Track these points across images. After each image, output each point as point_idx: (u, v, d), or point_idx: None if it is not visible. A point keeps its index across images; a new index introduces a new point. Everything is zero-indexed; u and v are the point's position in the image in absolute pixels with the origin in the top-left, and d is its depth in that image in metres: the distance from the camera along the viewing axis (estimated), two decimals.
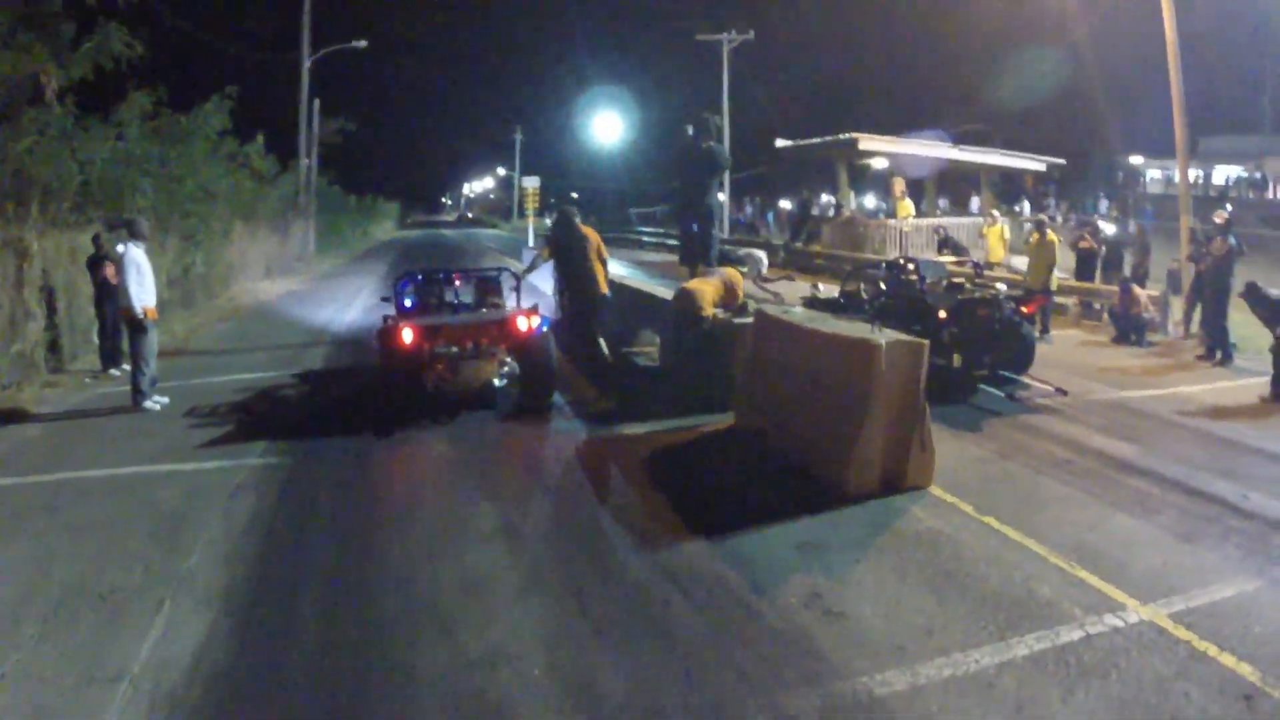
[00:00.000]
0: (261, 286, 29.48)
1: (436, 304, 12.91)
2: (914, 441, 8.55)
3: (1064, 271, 22.40)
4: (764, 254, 13.89)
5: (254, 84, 25.25)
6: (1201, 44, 19.49)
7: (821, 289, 16.41)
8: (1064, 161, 36.03)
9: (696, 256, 14.07)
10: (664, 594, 6.47)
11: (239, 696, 5.25)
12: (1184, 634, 5.77)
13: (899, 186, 30.99)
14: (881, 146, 30.62)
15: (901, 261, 15.71)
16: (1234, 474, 9.05)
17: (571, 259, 13.48)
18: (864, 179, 43.08)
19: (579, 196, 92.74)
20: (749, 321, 11.42)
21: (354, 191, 63.96)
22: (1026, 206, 41.14)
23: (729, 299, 12.24)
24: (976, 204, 40.18)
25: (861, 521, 7.78)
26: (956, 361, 12.33)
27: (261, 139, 31.08)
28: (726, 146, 15.12)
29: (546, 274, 16.00)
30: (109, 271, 14.76)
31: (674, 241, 41.43)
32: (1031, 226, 21.78)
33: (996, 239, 23.90)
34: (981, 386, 12.88)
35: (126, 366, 14.76)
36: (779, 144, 33.51)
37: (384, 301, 13.70)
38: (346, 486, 9.09)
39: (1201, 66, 19.75)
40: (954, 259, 18.51)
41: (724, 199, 37.08)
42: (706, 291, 12.06)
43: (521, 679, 5.38)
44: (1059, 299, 19.83)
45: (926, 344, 8.78)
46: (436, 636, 5.92)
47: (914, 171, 32.72)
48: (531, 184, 36.20)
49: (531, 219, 38.45)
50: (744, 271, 12.53)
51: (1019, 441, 10.26)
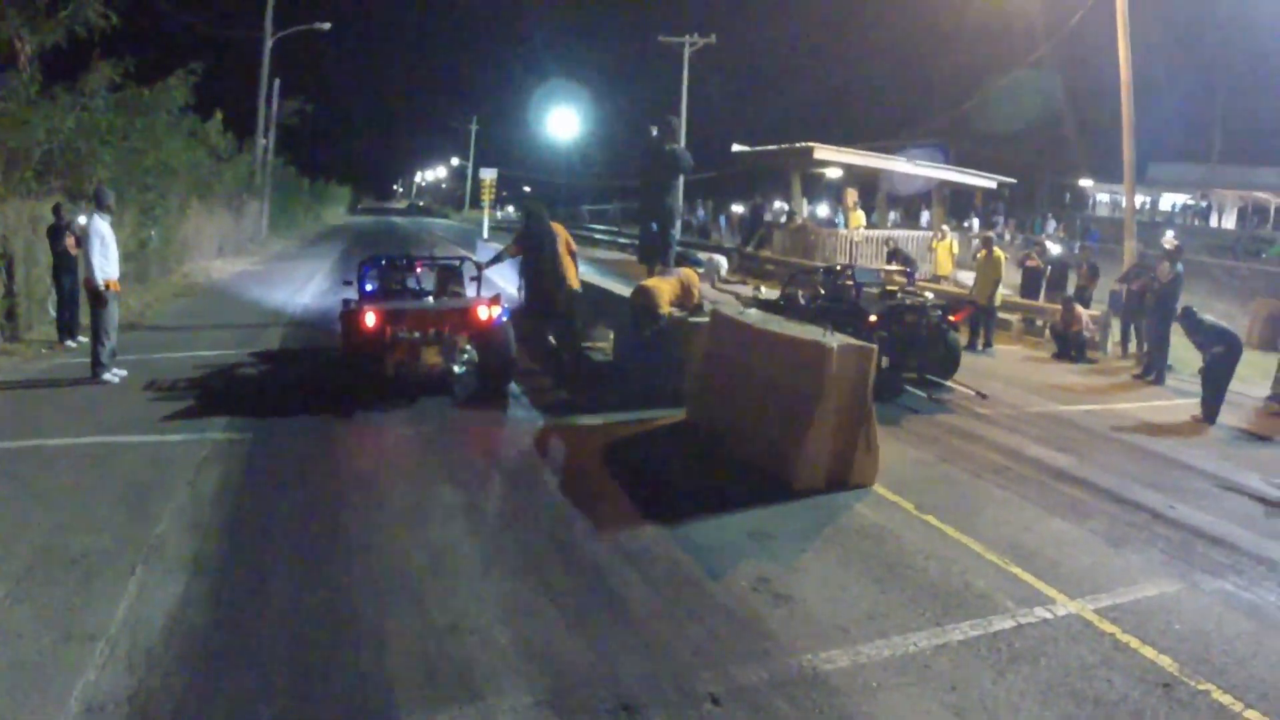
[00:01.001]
0: (215, 265, 29.34)
1: (399, 290, 13.11)
2: (860, 442, 8.96)
3: (1009, 288, 23.03)
4: (724, 259, 14.21)
5: (214, 60, 25.09)
6: (1154, 73, 20.14)
7: (764, 291, 17.01)
8: (1015, 180, 36.61)
9: (655, 256, 14.31)
10: (621, 574, 6.82)
11: (214, 656, 5.44)
12: (1109, 627, 6.25)
13: (851, 197, 31.40)
14: (835, 157, 30.98)
15: (838, 268, 16.65)
16: (1162, 486, 9.65)
17: (541, 255, 13.67)
18: (817, 188, 43.53)
19: (531, 190, 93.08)
20: (704, 320, 11.76)
21: (307, 174, 63.51)
22: (975, 223, 41.79)
23: (685, 298, 12.50)
24: (926, 218, 40.78)
25: (808, 515, 8.21)
26: (884, 363, 12.74)
27: (220, 116, 30.97)
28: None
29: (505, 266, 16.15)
30: (69, 242, 14.76)
31: (626, 239, 41.91)
32: (979, 243, 22.26)
33: (945, 253, 24.46)
34: (907, 388, 13.56)
35: (84, 338, 14.79)
36: (735, 149, 33.80)
37: (345, 285, 13.82)
38: (311, 463, 9.26)
39: (1154, 95, 20.35)
40: (896, 269, 18.99)
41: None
42: (664, 290, 12.31)
43: (487, 646, 5.65)
44: (1002, 315, 20.41)
45: (875, 349, 9.20)
46: (405, 604, 6.16)
47: (868, 184, 33.21)
48: (489, 175, 36.25)
49: (487, 210, 38.49)
50: (702, 274, 12.84)
51: (959, 448, 10.76)
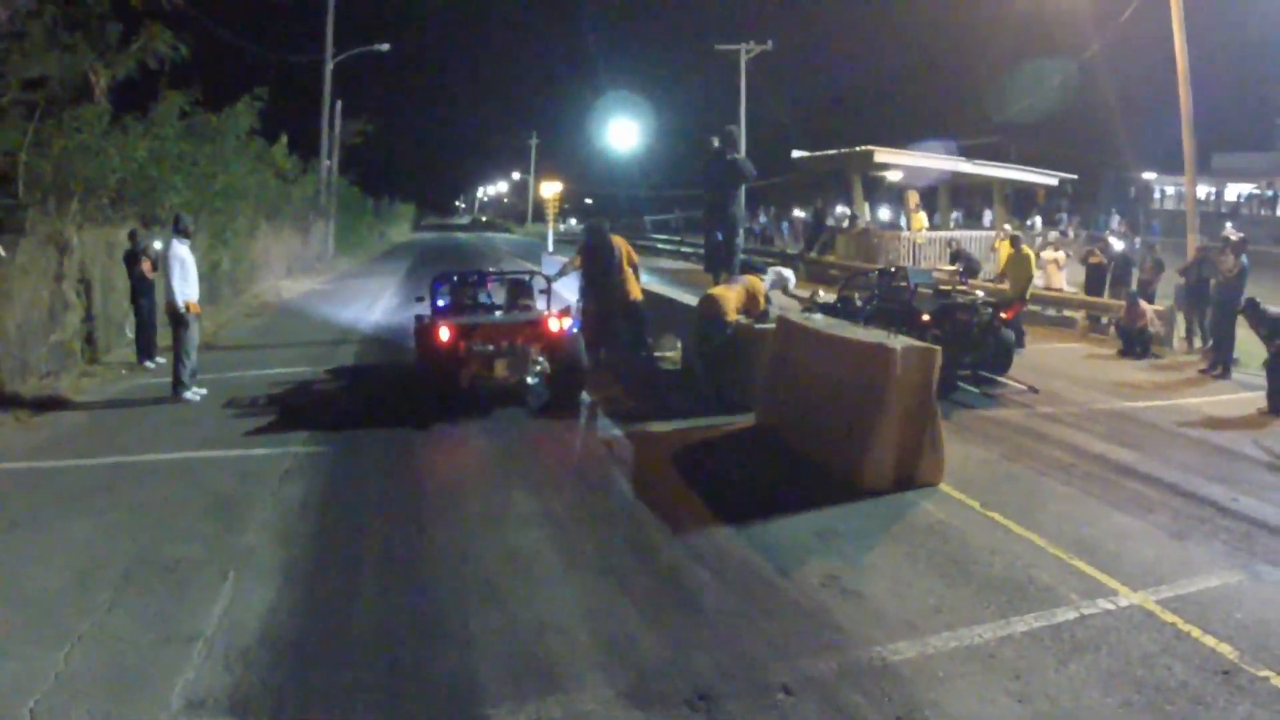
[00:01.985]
0: (284, 285, 29.92)
1: (471, 304, 13.37)
2: (925, 441, 9.04)
3: (1074, 286, 22.93)
4: (791, 272, 14.35)
5: (278, 84, 25.60)
6: (1215, 62, 19.93)
7: (821, 295, 17.10)
8: (1076, 177, 36.25)
9: (721, 264, 14.48)
10: (695, 573, 6.98)
11: (308, 655, 5.66)
12: (1170, 617, 6.26)
13: (913, 199, 31.32)
14: (896, 159, 30.97)
15: (892, 270, 16.74)
16: (1227, 479, 9.56)
17: (601, 267, 13.92)
18: (878, 191, 43.38)
19: (593, 203, 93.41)
20: (770, 327, 11.88)
21: (371, 193, 64.25)
22: (1038, 221, 41.42)
23: (751, 306, 12.59)
24: (989, 217, 40.50)
25: (876, 513, 8.31)
26: None
27: (285, 139, 31.52)
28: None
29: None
30: (145, 266, 15.22)
31: (689, 249, 42.03)
32: (1002, 238, 22.33)
33: (1008, 252, 24.22)
34: (960, 384, 13.58)
35: (161, 359, 15.23)
36: (795, 155, 33.87)
37: (418, 301, 14.13)
38: (391, 474, 9.52)
39: (1215, 84, 20.17)
40: (954, 269, 19.03)
41: None
42: (730, 298, 12.42)
43: (569, 642, 5.83)
44: (1068, 313, 20.81)
45: (938, 350, 9.29)
46: (490, 606, 6.35)
47: (928, 183, 33.08)
48: (552, 190, 36.50)
49: (551, 224, 38.77)
50: (769, 283, 12.98)
51: (1024, 445, 10.76)
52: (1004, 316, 14.62)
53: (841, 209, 47.21)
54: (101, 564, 7.00)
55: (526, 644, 5.81)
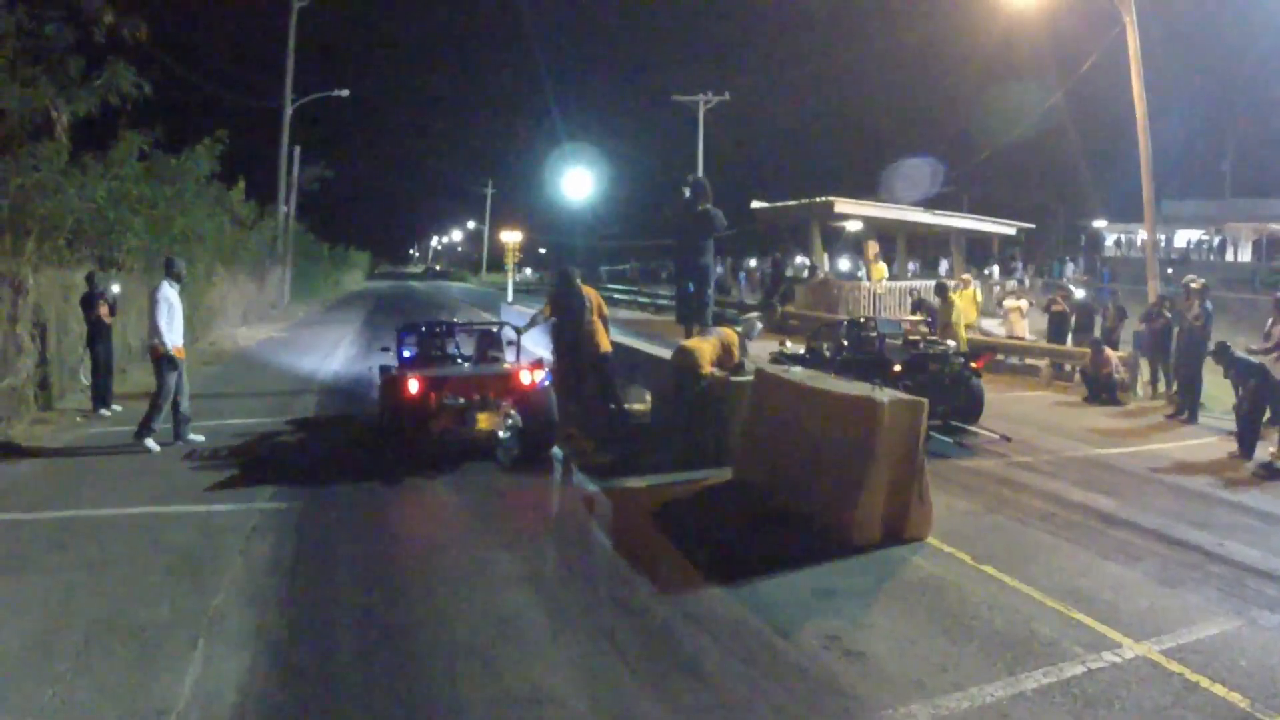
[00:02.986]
0: (241, 332, 29.49)
1: (439, 355, 13.05)
2: (913, 495, 8.88)
3: (1034, 334, 23.12)
4: (759, 319, 14.21)
5: (235, 128, 25.29)
6: (1163, 110, 20.36)
7: (789, 346, 17.01)
8: (1033, 226, 36.62)
9: (693, 316, 14.33)
10: (691, 635, 6.66)
11: None
12: (1177, 668, 6.18)
13: (872, 249, 31.37)
14: (857, 209, 31.01)
15: (861, 320, 16.87)
16: (1208, 524, 9.63)
17: (571, 318, 13.71)
18: (837, 241, 43.53)
19: (546, 251, 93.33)
20: (747, 380, 11.70)
21: (327, 240, 63.88)
22: (996, 270, 41.71)
23: (726, 358, 12.42)
24: (945, 266, 40.75)
25: (869, 570, 8.10)
26: None
27: (243, 183, 31.19)
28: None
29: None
30: (102, 311, 14.82)
31: (646, 299, 41.95)
32: (961, 288, 22.55)
33: (969, 302, 24.30)
34: (933, 434, 13.34)
35: (118, 407, 14.83)
36: (754, 205, 33.84)
37: (383, 352, 13.80)
38: (363, 531, 9.14)
39: (1163, 131, 20.61)
40: (918, 319, 19.10)
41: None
42: (705, 350, 12.24)
43: (568, 715, 5.50)
44: (1030, 361, 21.05)
45: (925, 402, 9.17)
46: (479, 675, 5.99)
47: (885, 234, 33.23)
48: (512, 239, 36.32)
49: (511, 273, 38.56)
50: (739, 332, 12.83)
51: (1004, 496, 10.68)
52: (974, 366, 14.66)
53: (800, 259, 47.34)
54: (61, 627, 6.58)
55: (522, 716, 5.48)
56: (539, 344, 14.56)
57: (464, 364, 12.82)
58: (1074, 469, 12.07)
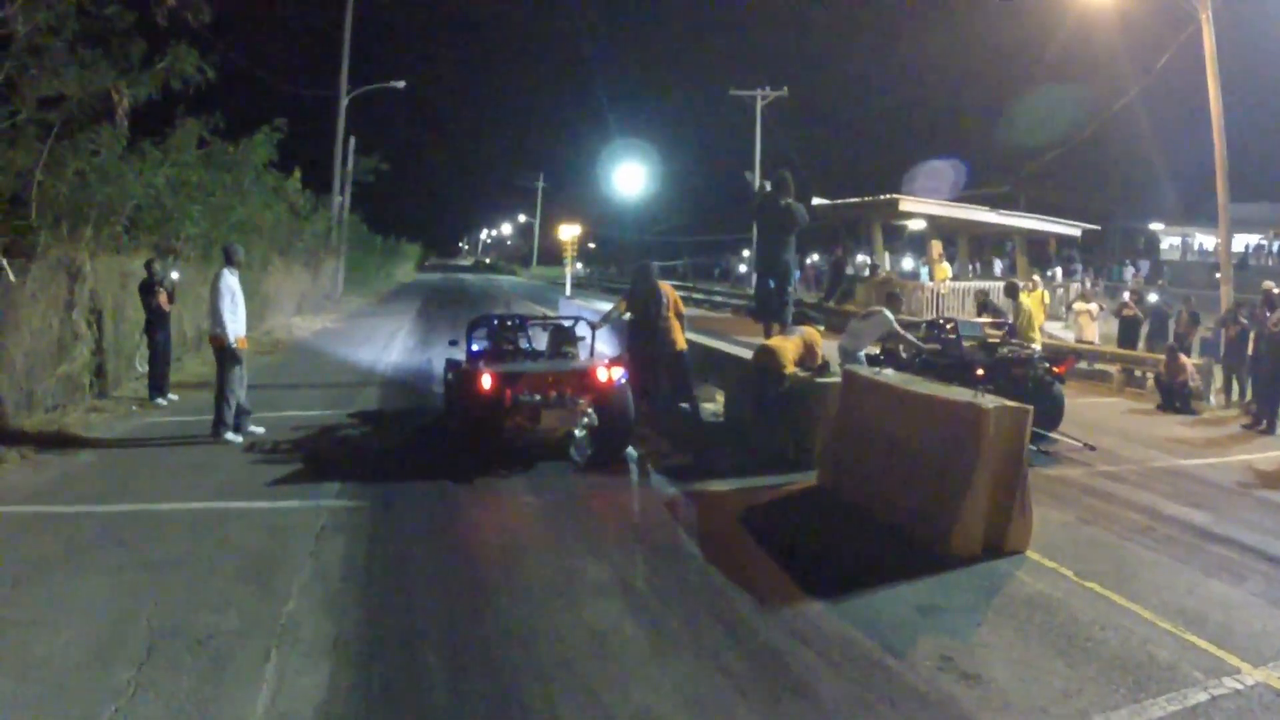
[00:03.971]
0: (295, 323, 29.23)
1: (510, 350, 12.56)
2: (1015, 506, 8.47)
3: (1101, 339, 22.50)
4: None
5: (290, 118, 25.00)
6: (1223, 112, 19.80)
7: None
8: (1098, 227, 35.82)
9: (772, 313, 13.85)
10: (798, 655, 6.24)
11: None
12: None
13: (937, 249, 30.79)
14: (921, 208, 30.33)
15: (941, 321, 16.35)
16: None
17: (648, 314, 13.29)
18: (899, 239, 42.91)
19: (594, 246, 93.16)
20: (833, 381, 11.31)
21: (379, 231, 63.77)
22: (1059, 272, 40.92)
23: (809, 358, 12.02)
24: (999, 267, 39.95)
25: (973, 585, 7.71)
26: None
27: (299, 173, 30.93)
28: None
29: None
30: (161, 299, 14.51)
31: (700, 295, 41.46)
32: (1031, 289, 21.98)
33: (1036, 304, 23.60)
34: None
35: (175, 396, 14.51)
36: (816, 203, 33.23)
37: (452, 345, 13.36)
38: (438, 533, 8.68)
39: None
40: (989, 320, 18.53)
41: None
42: (788, 349, 11.87)
43: None
44: (1101, 366, 20.43)
45: (1030, 410, 8.75)
46: (576, 693, 5.55)
47: (947, 234, 32.57)
48: (570, 233, 35.91)
49: (570, 267, 38.21)
50: (877, 332, 12.43)
51: (1096, 508, 10.22)
52: (1057, 371, 14.09)
53: (862, 257, 46.72)
54: (122, 633, 6.13)
55: None
56: (606, 341, 14.04)
57: (539, 360, 12.29)
58: (1161, 480, 11.63)
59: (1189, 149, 21.01)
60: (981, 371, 13.19)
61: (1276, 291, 16.13)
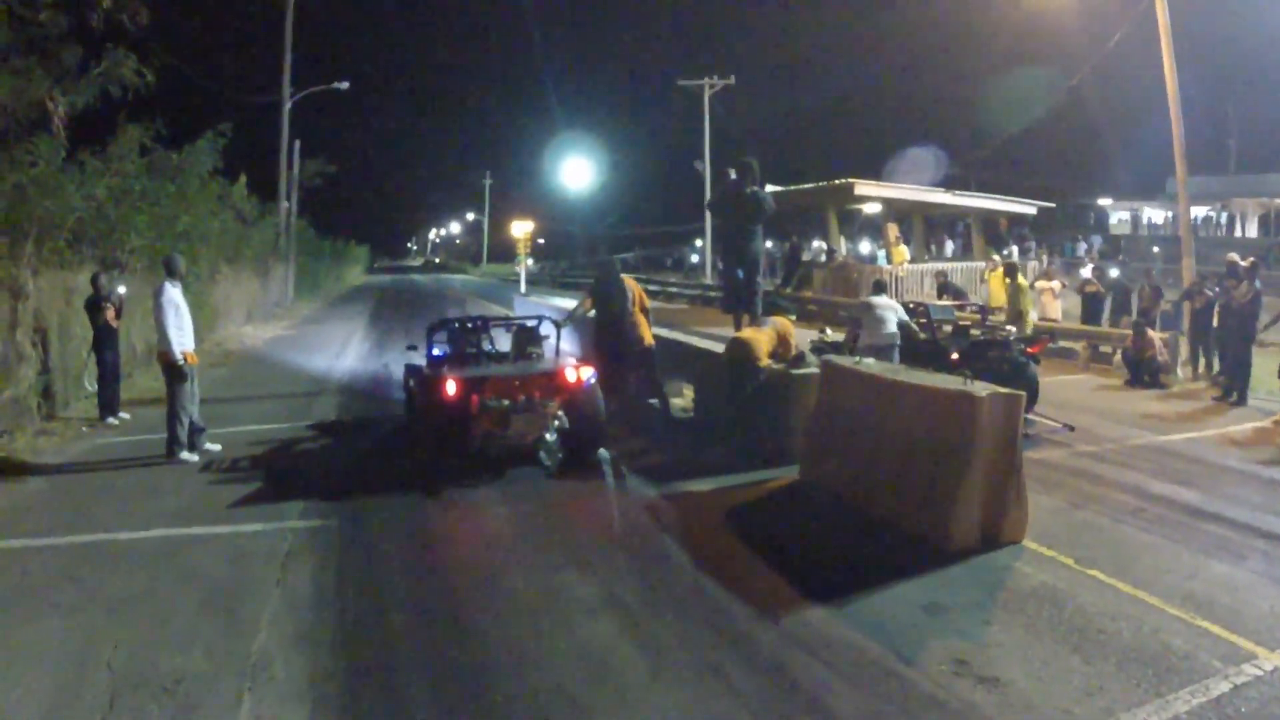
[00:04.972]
0: (246, 331, 28.60)
1: (474, 353, 12.15)
2: (1010, 495, 8.33)
3: (1069, 317, 22.48)
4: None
5: (234, 123, 24.44)
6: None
7: (830, 333, 16.19)
8: (1054, 205, 35.86)
9: (741, 304, 13.57)
10: (805, 666, 5.98)
11: None
12: None
13: (893, 232, 30.67)
14: (877, 191, 30.13)
15: (911, 306, 15.95)
16: None
17: (613, 310, 13.01)
18: (852, 224, 42.78)
19: (543, 242, 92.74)
20: (810, 372, 11.10)
21: (327, 235, 63.06)
22: (1014, 251, 40.95)
23: (782, 349, 11.73)
24: (950, 248, 39.95)
25: (975, 580, 7.52)
26: None
27: (244, 179, 30.35)
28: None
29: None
30: (109, 314, 13.99)
31: (654, 287, 41.15)
32: (994, 267, 22.69)
33: (998, 284, 23.53)
34: None
35: (125, 415, 14.00)
36: (769, 189, 32.97)
37: (410, 350, 12.94)
38: (411, 552, 8.27)
39: (1167, 108, 20.12)
40: (955, 303, 18.39)
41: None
42: (761, 341, 11.56)
43: None
44: (1066, 344, 20.32)
45: (1023, 396, 8.61)
46: None
47: (902, 215, 32.49)
48: (523, 229, 35.46)
49: (524, 264, 37.80)
50: (899, 317, 12.21)
51: (1084, 490, 10.14)
52: (1030, 352, 13.96)
53: (817, 243, 46.60)
54: (81, 681, 5.69)
55: None
56: (567, 338, 13.67)
57: (503, 362, 11.88)
58: (1142, 458, 11.58)
59: (1136, 126, 20.98)
60: (956, 356, 13.00)
61: (1245, 264, 16.17)
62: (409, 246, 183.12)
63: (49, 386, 14.20)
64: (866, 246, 49.07)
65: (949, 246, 42.82)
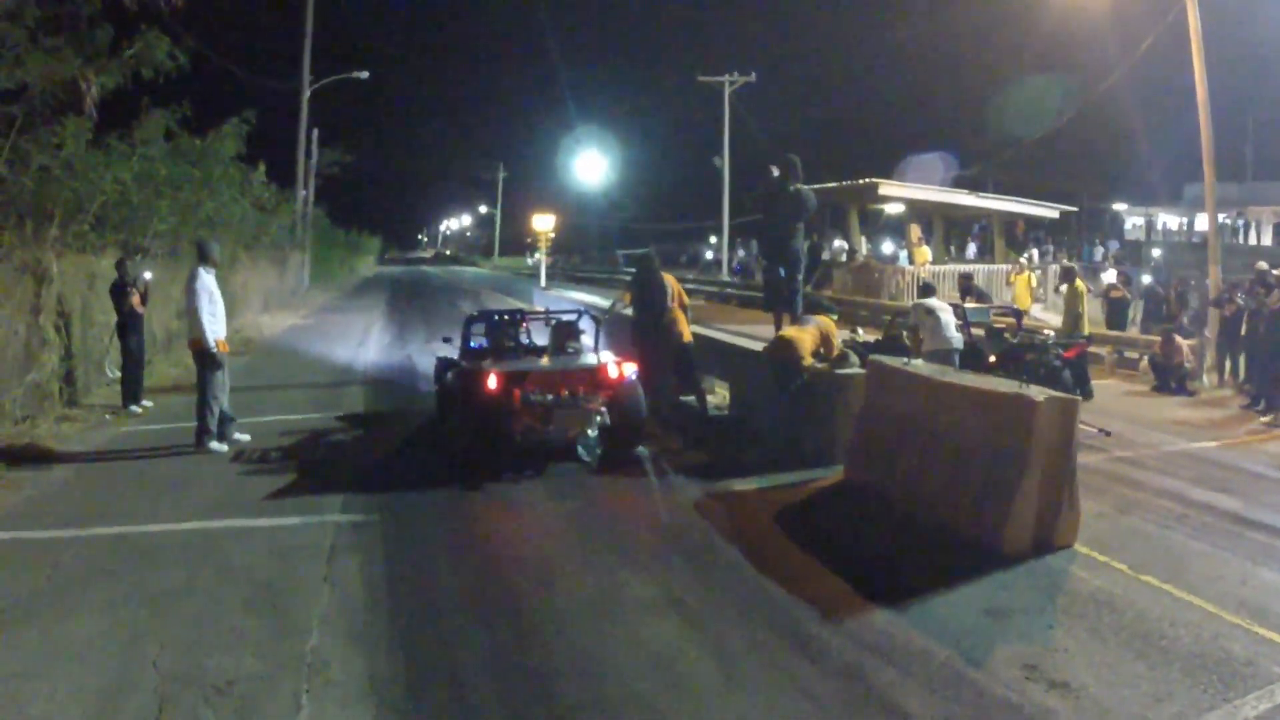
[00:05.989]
0: (264, 320, 28.45)
1: (513, 347, 11.93)
2: (1064, 500, 8.16)
3: (1093, 322, 22.24)
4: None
5: (253, 110, 24.24)
6: (1185, 92, 19.57)
7: (861, 334, 15.98)
8: (1075, 209, 35.59)
9: (784, 304, 13.39)
10: (878, 670, 5.82)
11: None
12: None
13: (915, 232, 30.50)
14: (900, 191, 29.91)
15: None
16: None
17: (652, 306, 12.88)
18: (873, 224, 42.53)
19: (557, 237, 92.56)
20: (855, 373, 10.91)
21: (341, 225, 62.92)
22: (1035, 254, 40.70)
23: (825, 349, 11.52)
24: (972, 250, 39.68)
25: (1033, 584, 7.42)
26: None
27: (263, 167, 30.15)
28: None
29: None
30: (135, 300, 13.74)
31: None
32: (1020, 270, 22.69)
33: (1024, 287, 23.31)
34: None
35: (149, 403, 13.78)
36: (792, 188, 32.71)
37: (444, 342, 12.78)
38: (461, 549, 8.07)
39: (1185, 114, 19.94)
40: (982, 306, 18.20)
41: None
42: (805, 340, 11.36)
43: None
44: (1093, 349, 19.60)
45: (1079, 400, 8.55)
46: None
47: (924, 216, 32.28)
48: (545, 223, 35.21)
49: (544, 258, 37.58)
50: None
51: (1126, 496, 9.94)
52: (1066, 357, 13.91)
53: (839, 242, 46.47)
54: (127, 682, 5.45)
55: None
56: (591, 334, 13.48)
57: (543, 357, 11.65)
58: (1181, 464, 11.40)
59: (1153, 131, 20.72)
60: (994, 359, 12.91)
61: (1273, 272, 16.00)
62: (420, 238, 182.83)
63: (71, 372, 14.01)
64: (889, 247, 48.84)
65: (970, 248, 42.49)
